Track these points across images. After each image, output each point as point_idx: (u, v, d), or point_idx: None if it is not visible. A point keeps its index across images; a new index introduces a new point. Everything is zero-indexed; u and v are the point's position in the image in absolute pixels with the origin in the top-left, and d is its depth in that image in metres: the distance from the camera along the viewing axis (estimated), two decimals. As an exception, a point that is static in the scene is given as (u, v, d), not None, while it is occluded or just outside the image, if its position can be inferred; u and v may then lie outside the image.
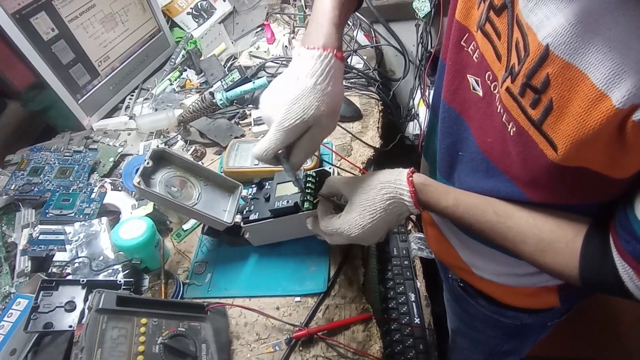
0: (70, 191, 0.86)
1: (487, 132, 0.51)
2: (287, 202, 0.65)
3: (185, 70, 1.23)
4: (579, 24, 0.34)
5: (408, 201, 0.52)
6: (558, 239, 0.47)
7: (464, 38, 0.52)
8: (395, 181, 0.53)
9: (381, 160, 0.99)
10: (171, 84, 1.18)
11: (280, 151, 0.54)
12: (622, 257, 0.41)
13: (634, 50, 0.32)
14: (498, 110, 0.46)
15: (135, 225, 0.69)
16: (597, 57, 0.34)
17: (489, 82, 0.49)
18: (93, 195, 0.85)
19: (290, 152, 0.56)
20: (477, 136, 0.53)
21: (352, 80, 1.13)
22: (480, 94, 0.51)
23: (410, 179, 0.53)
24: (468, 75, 0.52)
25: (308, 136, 0.53)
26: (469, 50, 0.51)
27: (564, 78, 0.37)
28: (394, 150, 1.09)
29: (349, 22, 1.26)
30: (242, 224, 0.70)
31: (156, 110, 1.09)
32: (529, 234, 0.49)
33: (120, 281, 0.65)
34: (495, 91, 0.47)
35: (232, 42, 1.33)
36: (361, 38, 1.27)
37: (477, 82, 0.51)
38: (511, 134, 0.45)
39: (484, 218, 0.51)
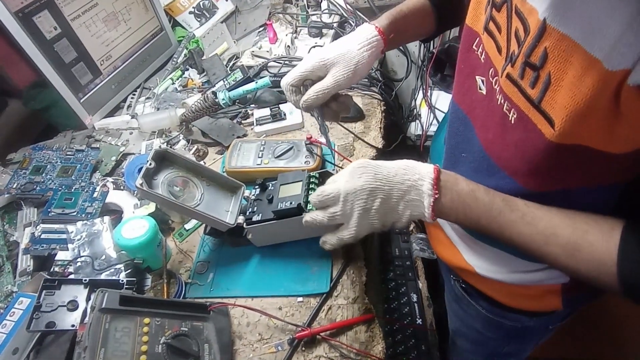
0: (73, 190, 0.86)
1: (488, 129, 0.51)
2: (291, 203, 0.65)
3: (187, 69, 1.23)
4: None
5: (428, 179, 0.50)
6: (594, 230, 0.44)
7: (475, 42, 0.53)
8: (421, 165, 0.53)
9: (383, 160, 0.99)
10: (173, 83, 1.18)
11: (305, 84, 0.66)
12: None
13: (617, 12, 0.33)
14: (499, 103, 0.47)
15: (137, 224, 0.69)
16: (588, 24, 0.35)
17: (491, 78, 0.50)
18: (95, 195, 0.85)
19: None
20: (480, 135, 0.54)
21: (355, 81, 1.12)
22: (484, 92, 0.52)
23: (436, 168, 0.52)
24: (476, 77, 0.53)
25: (324, 80, 0.64)
26: (478, 52, 0.53)
27: (560, 50, 0.38)
28: (396, 150, 1.09)
29: (351, 22, 1.26)
30: (244, 225, 0.70)
31: (158, 109, 1.09)
32: (561, 225, 0.45)
33: (122, 281, 0.65)
34: (496, 86, 0.48)
35: (235, 42, 1.32)
36: (363, 38, 1.26)
37: (482, 81, 0.52)
38: (512, 122, 0.45)
39: (516, 206, 0.48)
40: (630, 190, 0.45)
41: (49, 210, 0.81)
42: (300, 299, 0.69)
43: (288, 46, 1.21)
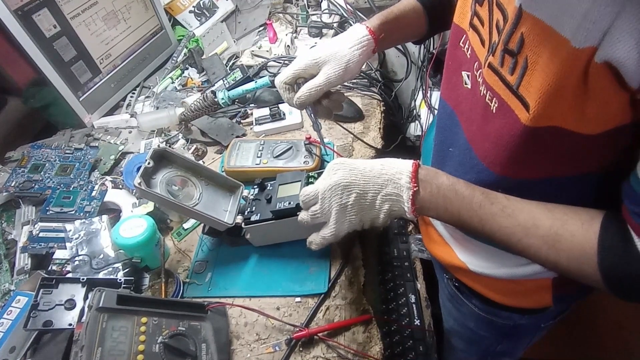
0: (71, 189, 0.86)
1: (472, 121, 0.52)
2: (289, 203, 0.65)
3: (187, 68, 1.23)
4: None
5: (406, 172, 0.51)
6: (573, 221, 0.44)
7: (462, 39, 0.55)
8: (399, 160, 0.54)
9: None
10: (172, 82, 1.18)
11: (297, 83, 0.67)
12: (637, 235, 0.39)
13: None
14: (482, 94, 0.48)
15: (135, 223, 0.69)
16: (558, 6, 0.36)
17: (475, 72, 0.51)
18: (94, 193, 0.85)
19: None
20: (465, 128, 0.55)
21: (354, 81, 1.12)
22: (469, 86, 0.53)
23: (415, 162, 0.53)
24: (462, 72, 0.55)
25: (314, 78, 0.65)
26: (464, 49, 0.54)
27: (534, 34, 0.39)
28: (395, 151, 1.09)
29: (351, 21, 1.26)
30: (243, 225, 0.70)
31: (157, 108, 1.08)
32: (541, 216, 0.45)
33: (120, 280, 0.64)
34: (480, 78, 0.49)
35: (234, 41, 1.32)
36: (363, 38, 1.26)
37: (468, 76, 0.53)
38: (493, 111, 0.46)
39: (496, 199, 0.48)
40: (608, 182, 0.46)
41: (47, 208, 0.81)
42: (298, 299, 0.69)
43: (288, 46, 1.21)
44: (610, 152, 0.43)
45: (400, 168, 0.52)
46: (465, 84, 0.54)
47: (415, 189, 0.50)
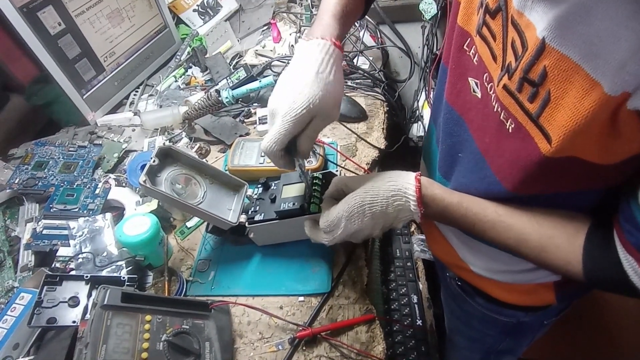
0: (75, 186, 0.86)
1: (485, 133, 0.52)
2: (294, 204, 0.65)
3: (191, 67, 1.23)
4: (572, 15, 0.35)
5: (411, 195, 0.53)
6: (559, 234, 0.48)
7: (466, 43, 0.53)
8: (404, 176, 0.55)
9: (385, 161, 0.99)
10: (176, 81, 1.18)
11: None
12: (625, 250, 0.42)
13: (622, 40, 0.33)
14: (495, 110, 0.48)
15: (139, 221, 0.69)
16: (590, 47, 0.35)
17: (485, 83, 0.50)
18: (97, 191, 0.85)
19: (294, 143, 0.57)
20: (476, 137, 0.54)
21: (358, 81, 1.12)
22: (479, 95, 0.52)
23: (417, 177, 0.55)
24: (469, 78, 0.54)
25: (313, 125, 0.54)
26: (470, 54, 0.53)
27: (559, 70, 0.38)
28: (398, 151, 1.09)
29: (355, 23, 1.25)
30: (247, 224, 0.70)
31: (161, 106, 1.08)
32: (530, 231, 0.49)
33: (124, 277, 0.65)
34: (491, 92, 0.48)
35: (238, 40, 1.32)
36: (367, 39, 1.27)
37: (476, 84, 0.52)
38: (510, 130, 0.46)
39: (486, 217, 0.52)
40: (607, 193, 0.47)
41: (50, 206, 0.81)
42: (301, 298, 0.69)
43: (292, 45, 1.21)
44: (620, 174, 0.43)
45: (405, 192, 0.54)
46: (474, 91, 0.53)
47: (422, 212, 0.54)
